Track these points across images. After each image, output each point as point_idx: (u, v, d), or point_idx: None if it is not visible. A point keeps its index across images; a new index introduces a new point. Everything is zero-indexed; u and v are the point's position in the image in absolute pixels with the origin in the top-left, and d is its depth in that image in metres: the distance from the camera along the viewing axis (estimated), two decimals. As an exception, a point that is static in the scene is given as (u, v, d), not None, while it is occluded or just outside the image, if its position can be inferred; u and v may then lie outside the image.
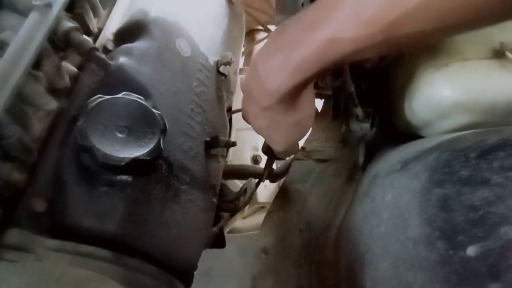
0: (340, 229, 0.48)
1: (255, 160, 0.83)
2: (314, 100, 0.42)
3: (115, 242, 0.39)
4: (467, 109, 0.36)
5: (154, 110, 0.43)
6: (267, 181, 0.68)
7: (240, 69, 0.75)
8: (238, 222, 0.94)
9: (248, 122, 0.47)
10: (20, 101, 0.42)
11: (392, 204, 0.33)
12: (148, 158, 0.40)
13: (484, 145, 0.29)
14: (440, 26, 0.30)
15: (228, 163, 0.73)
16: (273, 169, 0.60)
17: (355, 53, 0.33)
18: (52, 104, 0.46)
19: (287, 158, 0.63)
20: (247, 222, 0.93)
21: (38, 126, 0.45)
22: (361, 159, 0.51)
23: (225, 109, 0.61)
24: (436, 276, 0.25)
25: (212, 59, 0.60)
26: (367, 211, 0.39)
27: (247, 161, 0.83)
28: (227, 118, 0.62)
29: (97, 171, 0.40)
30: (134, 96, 0.43)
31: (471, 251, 0.24)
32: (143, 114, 0.42)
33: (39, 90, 0.45)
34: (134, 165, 0.40)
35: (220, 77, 0.61)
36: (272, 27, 0.97)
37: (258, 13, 0.92)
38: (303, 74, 0.36)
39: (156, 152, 0.41)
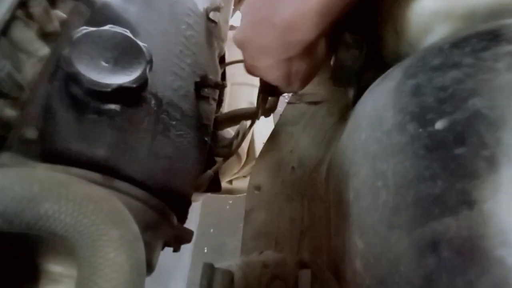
0: (330, 161, 0.48)
1: (252, 114, 0.83)
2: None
3: (104, 166, 0.40)
4: (448, 16, 0.36)
5: (140, 42, 0.44)
6: (266, 137, 0.68)
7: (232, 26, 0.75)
8: (241, 182, 0.94)
9: (256, 76, 0.46)
10: (12, 46, 0.42)
11: (371, 111, 0.34)
12: (134, 85, 0.41)
13: (458, 36, 0.29)
14: None
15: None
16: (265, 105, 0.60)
17: None
18: (44, 50, 0.47)
19: None
20: (248, 181, 0.93)
21: (31, 71, 0.46)
22: (350, 93, 0.51)
23: (216, 56, 0.61)
24: (406, 155, 0.26)
25: (202, 5, 0.60)
26: (350, 130, 0.39)
27: (243, 115, 0.83)
28: (219, 65, 0.62)
29: (85, 99, 0.41)
30: (119, 29, 0.43)
31: (439, 125, 0.24)
32: (129, 45, 0.43)
33: (30, 35, 0.46)
34: (120, 93, 0.40)
35: (210, 23, 0.61)
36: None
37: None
38: (329, 17, 0.35)
39: (142, 81, 0.42)
